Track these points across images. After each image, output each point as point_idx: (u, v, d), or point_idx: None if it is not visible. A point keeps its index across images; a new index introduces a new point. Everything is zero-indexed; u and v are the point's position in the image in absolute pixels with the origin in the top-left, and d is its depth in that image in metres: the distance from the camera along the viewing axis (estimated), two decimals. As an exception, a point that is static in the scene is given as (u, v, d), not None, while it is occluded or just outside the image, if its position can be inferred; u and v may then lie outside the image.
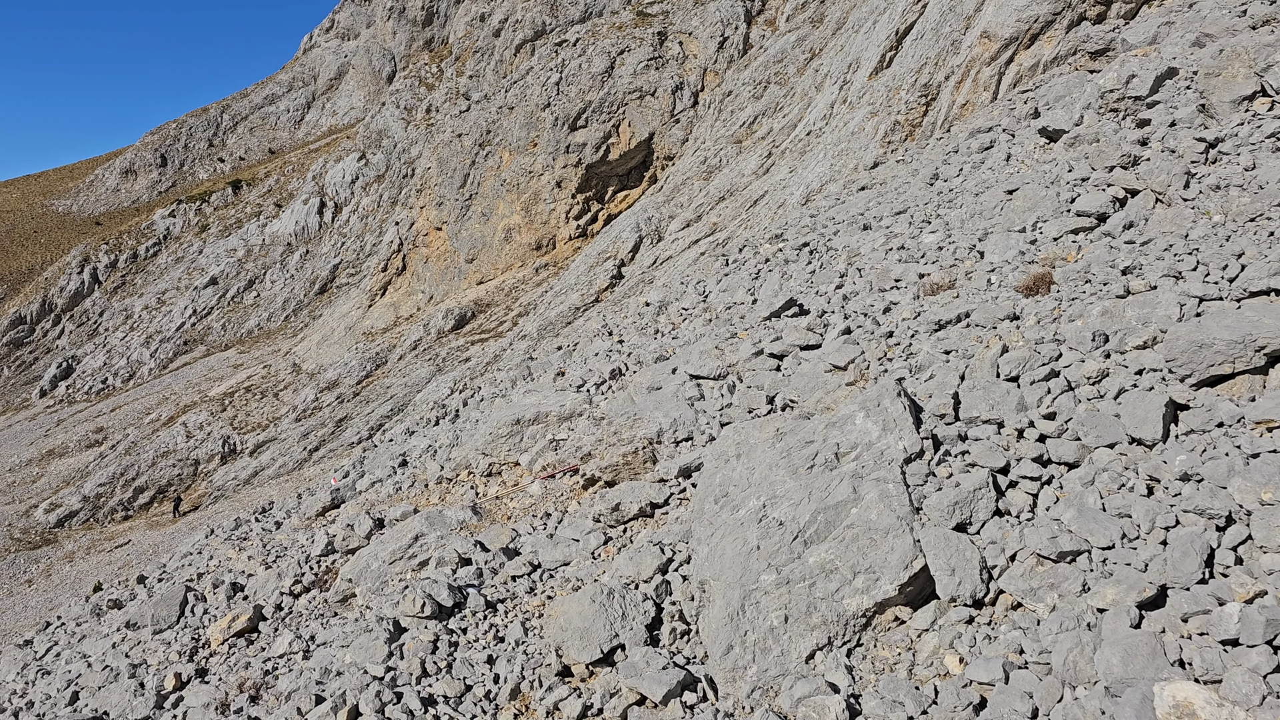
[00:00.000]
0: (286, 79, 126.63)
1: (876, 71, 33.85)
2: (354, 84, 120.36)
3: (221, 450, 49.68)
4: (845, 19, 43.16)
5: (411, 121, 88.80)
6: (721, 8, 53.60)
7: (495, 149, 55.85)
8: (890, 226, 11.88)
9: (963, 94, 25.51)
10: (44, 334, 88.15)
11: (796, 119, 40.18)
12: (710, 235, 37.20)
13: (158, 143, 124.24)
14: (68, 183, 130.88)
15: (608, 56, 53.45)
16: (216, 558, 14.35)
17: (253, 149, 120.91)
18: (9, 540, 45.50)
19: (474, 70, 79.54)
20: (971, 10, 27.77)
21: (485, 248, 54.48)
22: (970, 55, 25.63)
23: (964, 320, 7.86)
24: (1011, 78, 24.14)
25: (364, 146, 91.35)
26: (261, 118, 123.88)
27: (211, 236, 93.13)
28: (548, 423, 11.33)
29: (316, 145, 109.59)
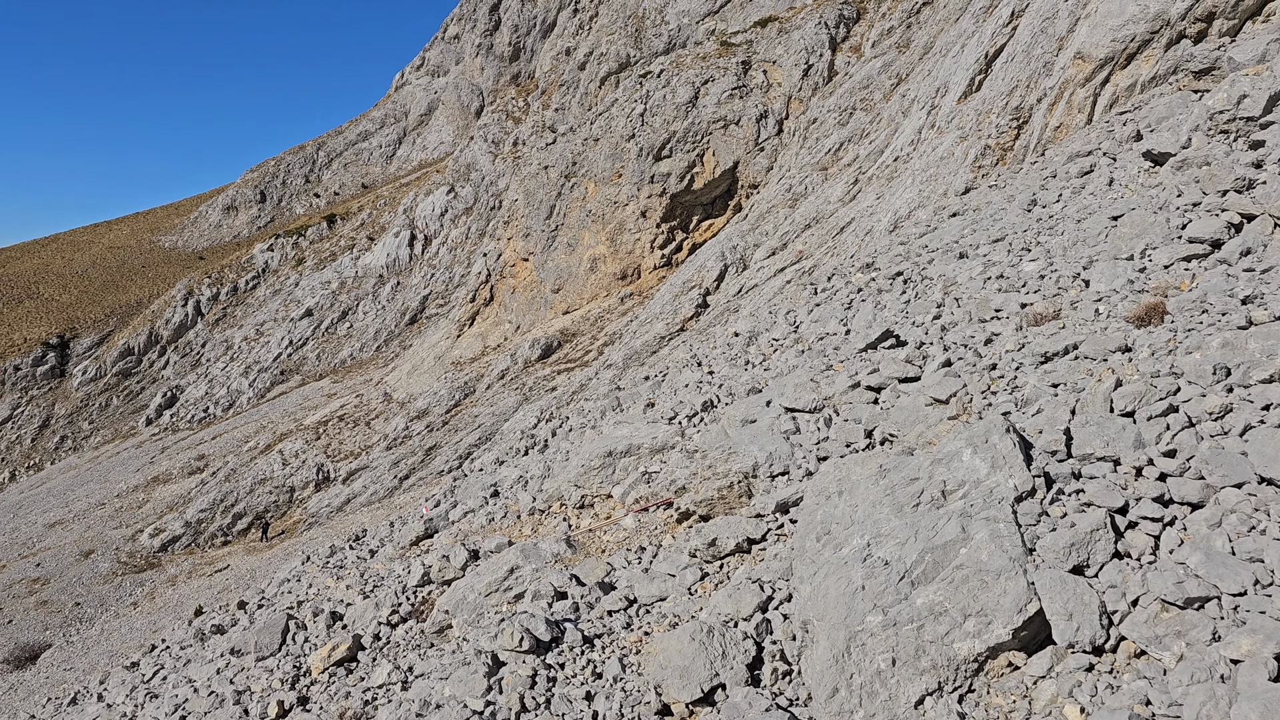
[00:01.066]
0: (379, 116, 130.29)
1: (965, 95, 33.36)
2: (443, 119, 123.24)
3: (316, 478, 50.88)
4: (932, 44, 42.70)
5: (499, 155, 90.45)
6: (805, 35, 53.52)
7: (580, 180, 56.48)
8: (988, 255, 11.62)
9: (1056, 116, 24.96)
10: (150, 365, 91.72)
11: (883, 145, 39.79)
12: (796, 263, 36.95)
13: (257, 179, 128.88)
14: (174, 219, 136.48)
15: (692, 87, 53.74)
16: (315, 585, 14.63)
17: (347, 184, 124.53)
18: (116, 564, 47.19)
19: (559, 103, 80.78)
20: (1064, 31, 27.22)
21: (571, 278, 55.01)
22: (1063, 77, 25.09)
23: (1072, 352, 7.61)
24: (1107, 99, 23.53)
25: (453, 180, 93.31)
26: (355, 154, 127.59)
27: (307, 269, 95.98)
28: (640, 455, 11.31)
29: (407, 179, 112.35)
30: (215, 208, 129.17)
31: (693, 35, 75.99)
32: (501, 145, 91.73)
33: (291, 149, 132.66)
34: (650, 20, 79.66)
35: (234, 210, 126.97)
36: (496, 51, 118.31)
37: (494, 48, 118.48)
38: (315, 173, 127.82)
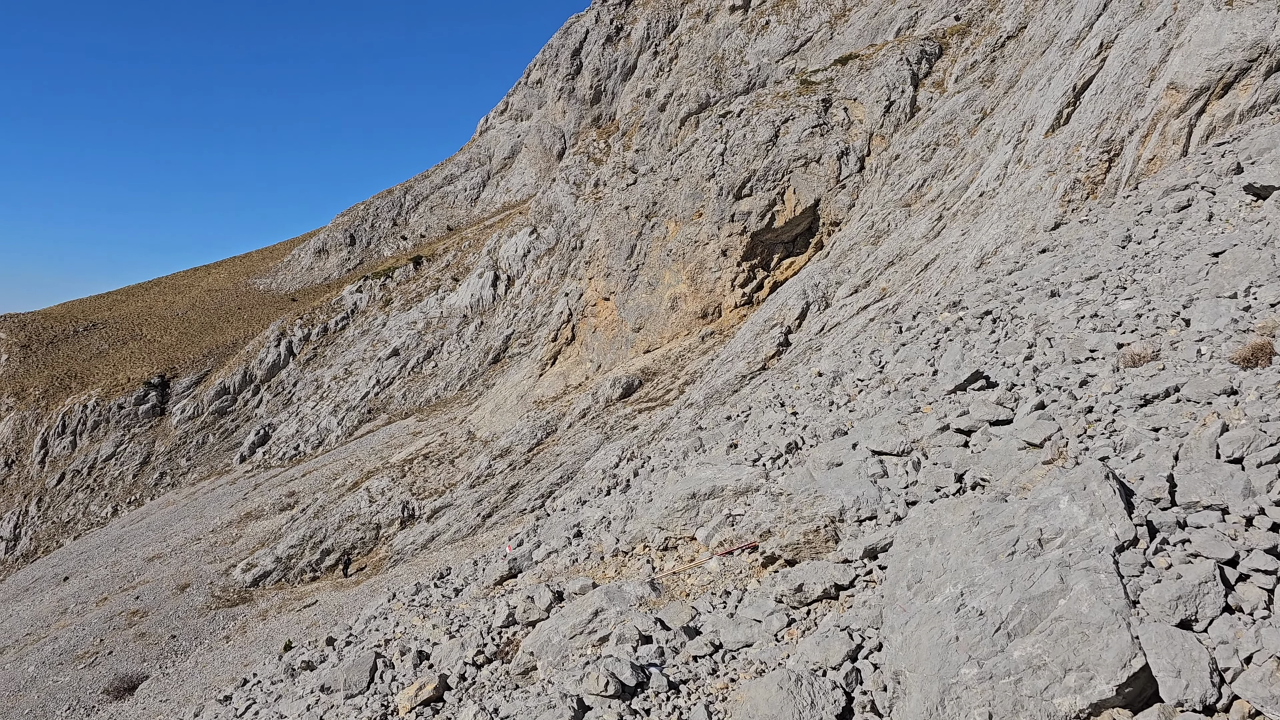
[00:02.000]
0: (464, 159, 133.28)
1: (1053, 129, 32.77)
2: (526, 162, 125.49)
3: (401, 515, 51.65)
4: (1017, 77, 42.11)
5: (580, 195, 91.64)
6: (887, 72, 53.28)
7: (661, 220, 56.85)
8: (1080, 293, 11.33)
9: (1149, 148, 24.34)
10: (244, 403, 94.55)
11: (968, 180, 39.24)
12: (879, 301, 36.52)
13: (347, 223, 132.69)
14: (268, 262, 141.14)
15: (772, 125, 53.83)
16: (401, 624, 14.80)
17: (432, 226, 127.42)
18: (210, 598, 48.44)
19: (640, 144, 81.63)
20: (1156, 61, 26.61)
21: (652, 317, 55.24)
22: (1156, 108, 24.49)
23: (1173, 395, 7.36)
24: (1203, 130, 22.87)
25: (535, 221, 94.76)
26: (441, 197, 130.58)
27: (394, 310, 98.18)
28: (723, 497, 11.23)
29: (491, 221, 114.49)
30: (307, 251, 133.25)
31: (772, 75, 76.27)
32: (583, 186, 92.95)
33: (380, 193, 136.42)
34: (730, 61, 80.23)
35: (325, 253, 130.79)
36: (578, 95, 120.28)
37: (575, 91, 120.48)
38: (402, 216, 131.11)
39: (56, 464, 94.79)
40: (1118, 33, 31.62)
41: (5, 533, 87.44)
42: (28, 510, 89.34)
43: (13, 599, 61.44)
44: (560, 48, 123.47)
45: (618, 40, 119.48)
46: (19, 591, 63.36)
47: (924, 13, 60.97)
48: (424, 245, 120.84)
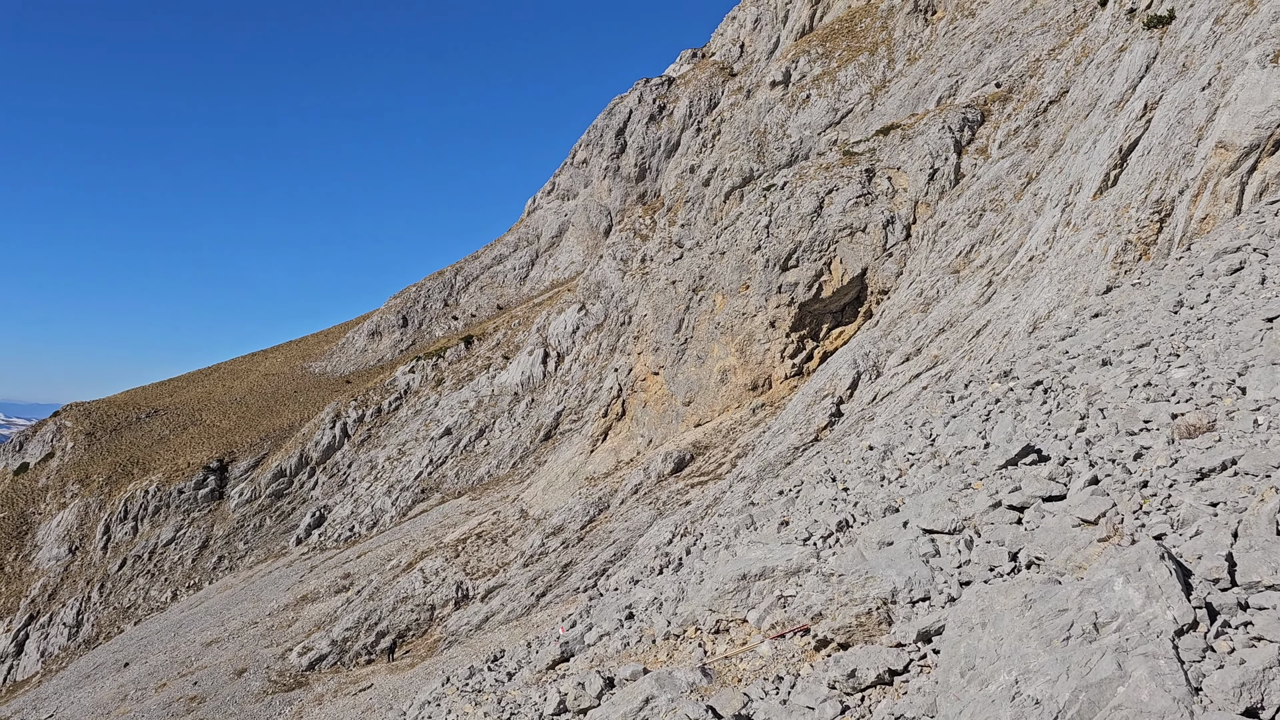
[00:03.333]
0: (513, 240, 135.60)
1: (1101, 191, 32.56)
2: (573, 240, 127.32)
3: (455, 595, 51.51)
4: (1062, 141, 42.03)
5: (627, 271, 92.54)
6: (929, 140, 53.50)
7: (708, 293, 57.12)
8: (1133, 361, 11.12)
9: (1200, 208, 24.04)
10: (300, 485, 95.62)
11: (1016, 245, 39.00)
12: (931, 369, 36.16)
13: (400, 305, 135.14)
14: (323, 346, 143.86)
15: (816, 197, 54.15)
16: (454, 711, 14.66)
17: (483, 306, 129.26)
18: (267, 683, 48.45)
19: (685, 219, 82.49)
20: (1203, 121, 26.42)
21: (701, 390, 55.18)
22: (1206, 167, 24.25)
23: (1230, 468, 7.15)
24: (1256, 187, 22.57)
25: (584, 298, 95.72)
26: (490, 277, 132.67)
27: (446, 390, 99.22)
28: (774, 578, 11.06)
29: (540, 299, 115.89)
30: (361, 333, 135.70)
31: (814, 147, 76.94)
32: (630, 262, 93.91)
33: (431, 275, 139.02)
34: (772, 135, 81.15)
35: (378, 335, 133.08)
36: (623, 173, 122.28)
37: (620, 169, 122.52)
38: (453, 296, 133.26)
39: (118, 550, 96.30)
40: (1161, 94, 31.52)
41: (69, 619, 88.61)
42: (90, 596, 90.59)
43: (75, 685, 61.99)
44: (605, 128, 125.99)
45: (660, 119, 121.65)
46: (81, 678, 63.95)
47: (964, 81, 61.36)
48: (475, 324, 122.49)
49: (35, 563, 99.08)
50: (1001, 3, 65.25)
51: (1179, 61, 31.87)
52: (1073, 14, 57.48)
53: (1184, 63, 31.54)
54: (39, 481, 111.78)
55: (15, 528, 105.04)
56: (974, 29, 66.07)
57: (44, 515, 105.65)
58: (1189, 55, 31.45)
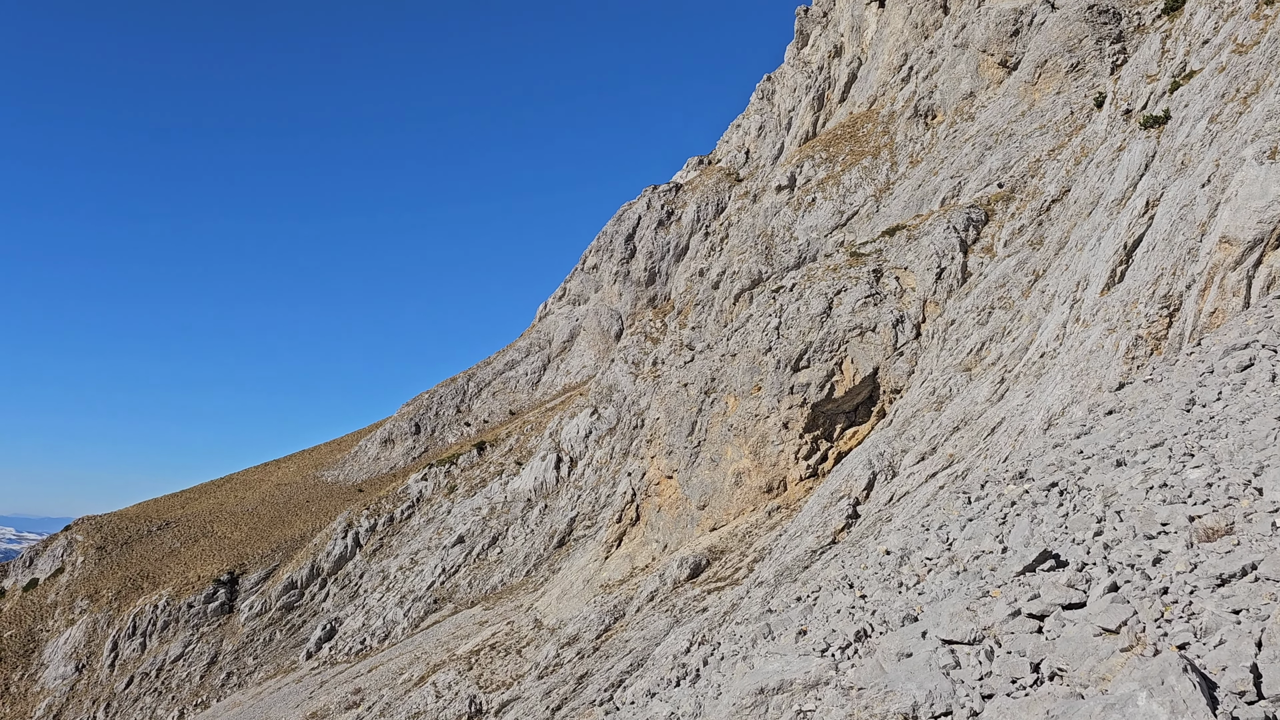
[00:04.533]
0: (524, 345, 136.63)
1: (1108, 287, 32.71)
2: (585, 344, 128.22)
3: (469, 710, 50.29)
4: (1066, 239, 42.47)
5: (639, 375, 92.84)
6: (935, 240, 54.13)
7: (720, 395, 57.14)
8: (1147, 461, 11.01)
9: (1209, 302, 24.09)
10: (311, 597, 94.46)
11: (1027, 341, 39.06)
12: (947, 468, 35.85)
13: (412, 412, 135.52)
14: (335, 454, 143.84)
15: (824, 298, 54.57)
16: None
17: (495, 411, 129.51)
18: (275, 805, 47.03)
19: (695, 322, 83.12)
20: (1204, 216, 26.68)
21: (716, 493, 54.74)
22: (1211, 261, 24.38)
23: (1251, 573, 7.00)
24: (1263, 280, 22.64)
25: (596, 402, 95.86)
26: (503, 382, 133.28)
27: (459, 496, 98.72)
28: (793, 691, 10.77)
29: (552, 403, 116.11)
30: (374, 441, 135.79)
31: (822, 248, 77.93)
32: (641, 365, 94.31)
33: (444, 381, 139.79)
34: (779, 238, 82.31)
35: (391, 443, 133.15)
36: (633, 277, 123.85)
37: (630, 274, 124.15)
38: (465, 402, 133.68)
39: (126, 667, 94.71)
40: (1162, 191, 31.94)
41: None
42: (96, 717, 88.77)
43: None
44: (614, 234, 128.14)
45: (669, 224, 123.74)
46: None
47: (966, 182, 62.38)
48: (487, 430, 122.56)
49: (41, 682, 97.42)
50: (999, 106, 66.75)
51: (1177, 159, 32.40)
52: (1069, 116, 58.72)
53: (1182, 160, 32.05)
54: (48, 597, 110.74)
55: (23, 646, 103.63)
56: (974, 132, 67.47)
57: (52, 632, 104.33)
58: (1187, 153, 31.98)
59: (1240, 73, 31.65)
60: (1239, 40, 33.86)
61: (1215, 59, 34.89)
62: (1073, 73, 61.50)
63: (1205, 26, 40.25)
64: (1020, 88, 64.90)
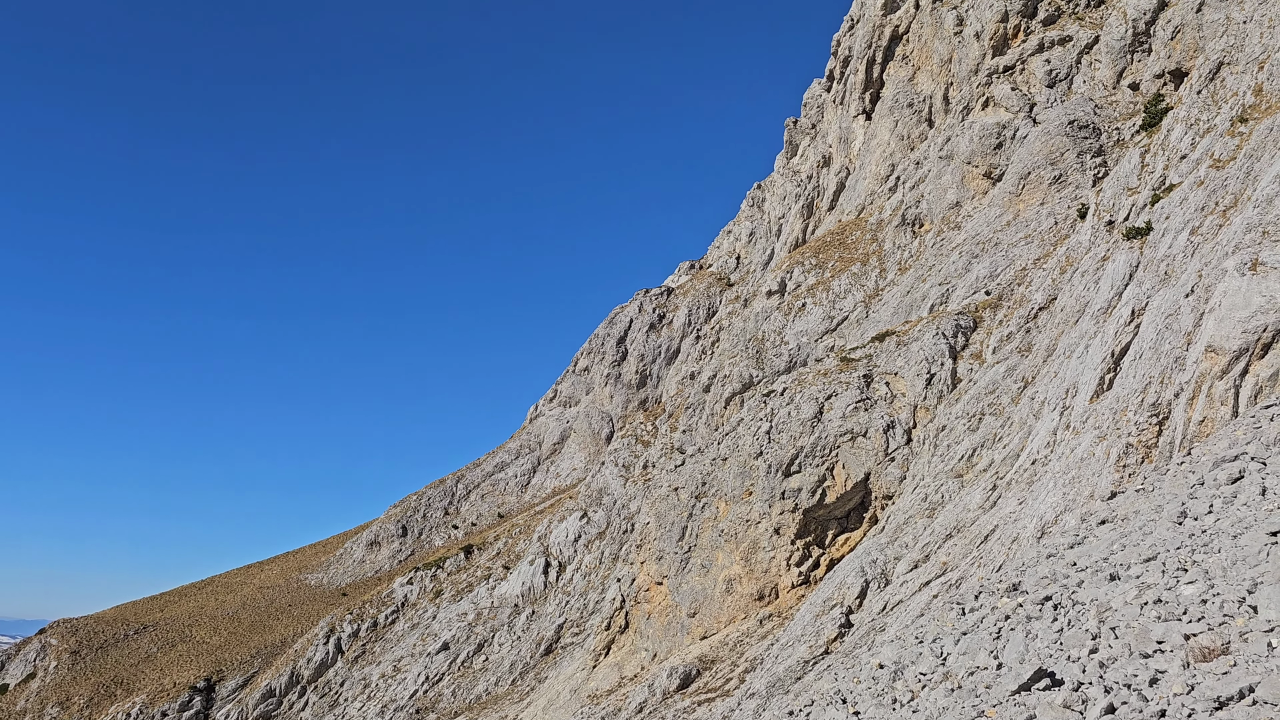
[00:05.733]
0: (514, 446, 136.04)
1: (1097, 394, 32.86)
2: (575, 446, 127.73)
3: (450, 827, 48.41)
4: (1054, 346, 42.82)
5: (629, 478, 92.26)
6: (924, 346, 54.54)
7: (711, 500, 56.71)
8: (1141, 576, 10.86)
9: (1197, 411, 24.15)
10: (290, 706, 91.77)
11: (1018, 448, 39.02)
12: (941, 576, 35.43)
13: (399, 514, 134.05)
14: (320, 557, 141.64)
15: (815, 402, 54.66)
16: None
17: (483, 514, 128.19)
18: None
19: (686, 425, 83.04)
20: (1190, 326, 26.96)
21: (706, 600, 53.84)
22: (1198, 371, 24.53)
23: (1248, 696, 6.83)
24: (1250, 390, 22.76)
25: (585, 505, 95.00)
26: (492, 484, 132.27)
27: (444, 601, 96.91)
28: (782, 816, 10.39)
29: (542, 506, 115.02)
30: (359, 544, 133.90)
31: (812, 353, 78.44)
32: (632, 469, 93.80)
33: (432, 483, 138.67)
34: (770, 342, 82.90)
35: (377, 545, 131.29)
36: (624, 380, 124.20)
37: (622, 376, 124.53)
38: (454, 505, 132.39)
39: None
40: (1147, 300, 32.37)
41: None
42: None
43: None
44: (606, 336, 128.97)
45: (660, 327, 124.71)
46: None
47: (954, 289, 63.20)
48: (475, 533, 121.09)
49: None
50: (985, 216, 68.09)
51: (1160, 270, 32.92)
52: (1054, 226, 59.87)
53: (1165, 271, 32.57)
54: (17, 704, 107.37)
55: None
56: (960, 240, 68.66)
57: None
58: (1169, 264, 32.52)
59: (1218, 187, 32.43)
60: (1216, 156, 34.80)
61: (1194, 173, 35.80)
62: (1055, 184, 62.94)
63: (1183, 142, 41.42)
64: (1005, 198, 66.31)
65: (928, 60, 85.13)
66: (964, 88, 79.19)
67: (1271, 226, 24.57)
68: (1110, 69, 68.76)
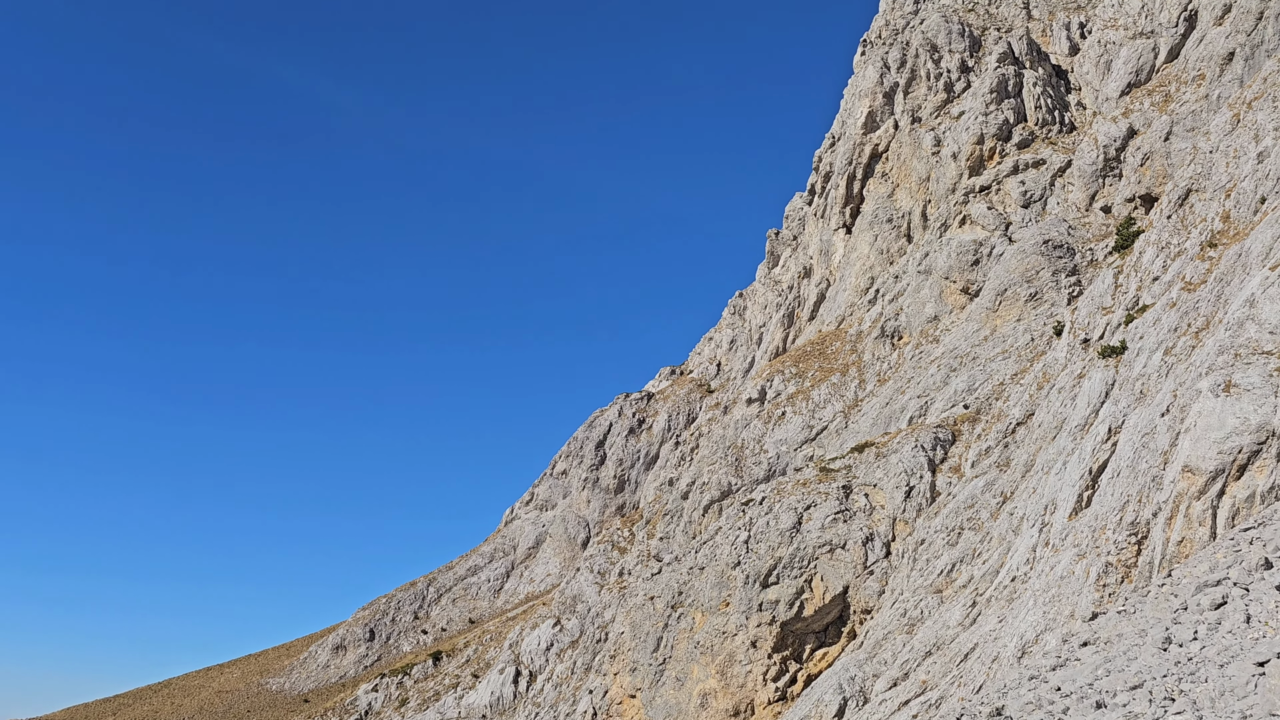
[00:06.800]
0: (488, 550, 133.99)
1: (1076, 512, 32.79)
2: (550, 551, 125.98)
3: None
4: (1032, 462, 42.89)
5: (605, 585, 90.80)
6: (903, 459, 54.56)
7: (687, 610, 55.74)
8: (1128, 704, 10.62)
9: (1176, 531, 24.09)
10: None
11: (997, 564, 38.72)
12: (920, 695, 34.71)
13: (367, 618, 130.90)
14: (284, 660, 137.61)
15: (794, 513, 54.30)
16: None
17: (454, 619, 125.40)
18: None
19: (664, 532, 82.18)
20: (1166, 445, 27.08)
21: (681, 715, 52.40)
22: (1175, 490, 24.56)
23: (1248, 840, 6.57)
24: (1227, 511, 22.77)
25: (559, 612, 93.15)
26: (464, 588, 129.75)
27: (410, 711, 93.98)
28: None
29: (514, 612, 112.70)
30: (325, 647, 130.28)
31: (792, 462, 78.27)
32: (607, 576, 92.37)
33: (402, 586, 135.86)
34: (749, 450, 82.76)
35: (343, 649, 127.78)
36: (602, 484, 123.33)
37: (600, 481, 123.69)
38: (424, 609, 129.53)
39: None
40: (1123, 419, 32.61)
41: None
42: None
43: None
44: (585, 440, 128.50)
45: (640, 432, 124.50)
46: None
47: (933, 402, 63.58)
48: (445, 639, 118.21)
49: None
50: (963, 330, 69.01)
51: (1136, 388, 33.27)
52: (1030, 342, 60.69)
53: (1141, 389, 32.91)
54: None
55: None
56: (939, 353, 69.41)
57: None
58: (1145, 383, 32.88)
59: (1190, 309, 33.05)
60: (1187, 279, 35.55)
61: (1166, 295, 36.51)
62: (1031, 301, 64.04)
63: (1155, 264, 42.35)
64: (982, 314, 67.33)
65: (907, 178, 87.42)
66: (942, 205, 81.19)
67: (1243, 349, 24.95)
68: (1083, 192, 70.81)
